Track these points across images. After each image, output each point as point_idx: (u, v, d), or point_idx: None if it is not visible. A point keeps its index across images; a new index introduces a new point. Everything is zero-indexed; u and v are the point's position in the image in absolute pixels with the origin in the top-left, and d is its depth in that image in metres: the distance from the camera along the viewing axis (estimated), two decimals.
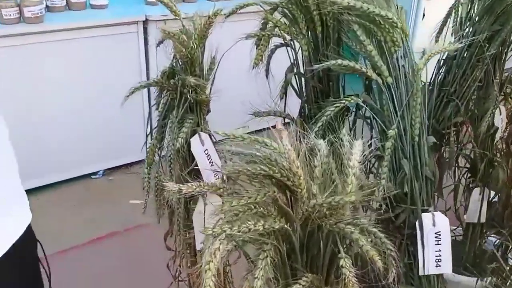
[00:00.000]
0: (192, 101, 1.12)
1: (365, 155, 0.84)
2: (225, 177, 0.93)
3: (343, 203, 0.69)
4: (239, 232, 0.65)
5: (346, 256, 0.74)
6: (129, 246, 2.51)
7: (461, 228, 1.90)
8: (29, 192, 1.20)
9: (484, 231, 1.85)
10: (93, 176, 3.13)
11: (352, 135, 0.92)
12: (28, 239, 1.09)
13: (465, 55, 1.51)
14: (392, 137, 1.12)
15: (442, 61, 1.55)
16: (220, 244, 0.65)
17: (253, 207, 0.70)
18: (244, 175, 0.77)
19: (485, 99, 1.58)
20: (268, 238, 0.71)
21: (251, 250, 0.78)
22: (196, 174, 1.16)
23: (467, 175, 1.83)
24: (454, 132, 1.59)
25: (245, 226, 0.66)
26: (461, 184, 1.84)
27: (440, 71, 1.55)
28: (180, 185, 0.77)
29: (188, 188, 0.76)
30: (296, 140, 0.87)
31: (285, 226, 0.70)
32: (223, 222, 0.67)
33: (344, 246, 0.80)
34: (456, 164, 1.78)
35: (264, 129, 1.32)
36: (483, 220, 1.80)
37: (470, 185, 1.81)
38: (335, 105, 1.14)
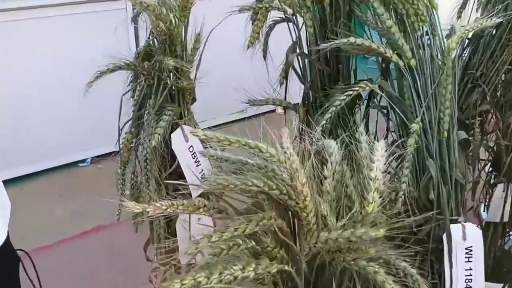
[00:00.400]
0: (173, 88, 0.92)
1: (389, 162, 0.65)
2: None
3: (367, 238, 0.49)
4: (220, 282, 0.46)
5: None
6: (116, 241, 2.33)
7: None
8: (12, 181, 1.06)
9: (506, 230, 1.67)
10: (80, 164, 2.95)
11: (368, 132, 0.73)
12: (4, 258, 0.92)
13: (494, 33, 1.31)
14: (415, 132, 0.92)
15: (467, 40, 1.34)
16: None
17: (241, 242, 0.50)
18: (230, 190, 0.58)
19: None
20: (262, 283, 0.51)
21: None
22: (179, 176, 0.96)
23: (489, 169, 1.64)
24: (479, 123, 1.39)
25: (228, 273, 0.46)
26: (482, 179, 1.66)
27: (465, 52, 1.35)
28: (145, 205, 0.57)
29: (156, 209, 0.57)
30: (300, 140, 0.67)
31: (286, 267, 0.51)
32: (197, 268, 0.47)
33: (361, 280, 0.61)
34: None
35: (262, 113, 1.14)
36: (506, 219, 1.62)
37: (492, 180, 1.63)
38: (346, 93, 0.94)
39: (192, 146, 0.95)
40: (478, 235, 0.94)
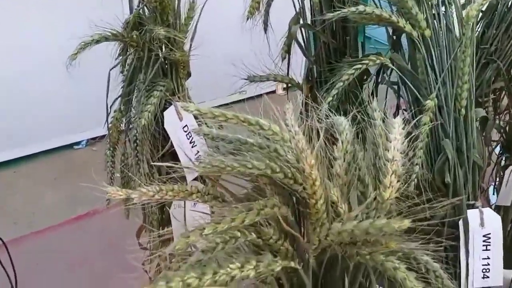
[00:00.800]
0: (165, 61, 0.84)
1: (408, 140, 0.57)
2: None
3: (390, 231, 0.42)
4: (215, 283, 0.38)
5: None
6: (110, 225, 2.27)
7: None
8: (5, 164, 0.99)
9: None
10: (75, 147, 2.87)
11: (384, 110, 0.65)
12: None
13: (509, 5, 1.22)
14: (430, 109, 0.84)
15: (481, 13, 1.26)
16: None
17: (239, 234, 0.43)
18: (227, 173, 0.50)
19: None
20: (264, 281, 0.44)
21: None
22: (172, 158, 0.89)
23: (499, 150, 1.57)
24: (492, 101, 1.31)
25: (224, 273, 0.38)
26: (492, 161, 1.59)
27: (478, 25, 1.26)
28: (129, 191, 0.50)
29: (141, 195, 0.49)
30: (306, 117, 0.59)
31: (292, 263, 0.43)
32: (188, 266, 0.40)
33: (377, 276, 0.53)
34: None
35: (262, 94, 1.06)
36: None
37: (503, 163, 1.56)
38: (355, 67, 0.86)
39: (186, 125, 0.87)
40: (497, 222, 0.87)
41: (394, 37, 0.96)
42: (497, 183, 1.60)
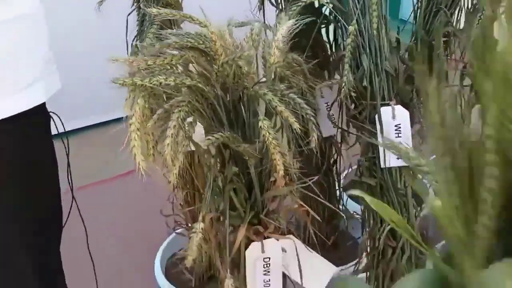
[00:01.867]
0: (163, 3, 1.20)
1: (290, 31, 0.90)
2: None
3: (246, 58, 0.75)
4: (150, 84, 0.73)
5: (264, 118, 0.81)
6: (148, 183, 2.62)
7: None
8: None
9: None
10: (113, 123, 3.26)
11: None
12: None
13: None
14: (351, 33, 1.15)
15: None
16: (135, 96, 0.74)
17: (169, 67, 0.78)
18: (172, 48, 0.85)
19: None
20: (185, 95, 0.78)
21: None
22: None
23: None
24: (444, 43, 1.58)
25: (156, 80, 0.74)
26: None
27: None
28: (131, 58, 0.85)
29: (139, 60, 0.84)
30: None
31: (198, 84, 0.78)
32: (135, 76, 0.75)
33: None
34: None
35: None
36: None
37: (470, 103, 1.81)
38: (297, 4, 1.19)
39: None
40: (406, 114, 1.16)
41: None
42: None
